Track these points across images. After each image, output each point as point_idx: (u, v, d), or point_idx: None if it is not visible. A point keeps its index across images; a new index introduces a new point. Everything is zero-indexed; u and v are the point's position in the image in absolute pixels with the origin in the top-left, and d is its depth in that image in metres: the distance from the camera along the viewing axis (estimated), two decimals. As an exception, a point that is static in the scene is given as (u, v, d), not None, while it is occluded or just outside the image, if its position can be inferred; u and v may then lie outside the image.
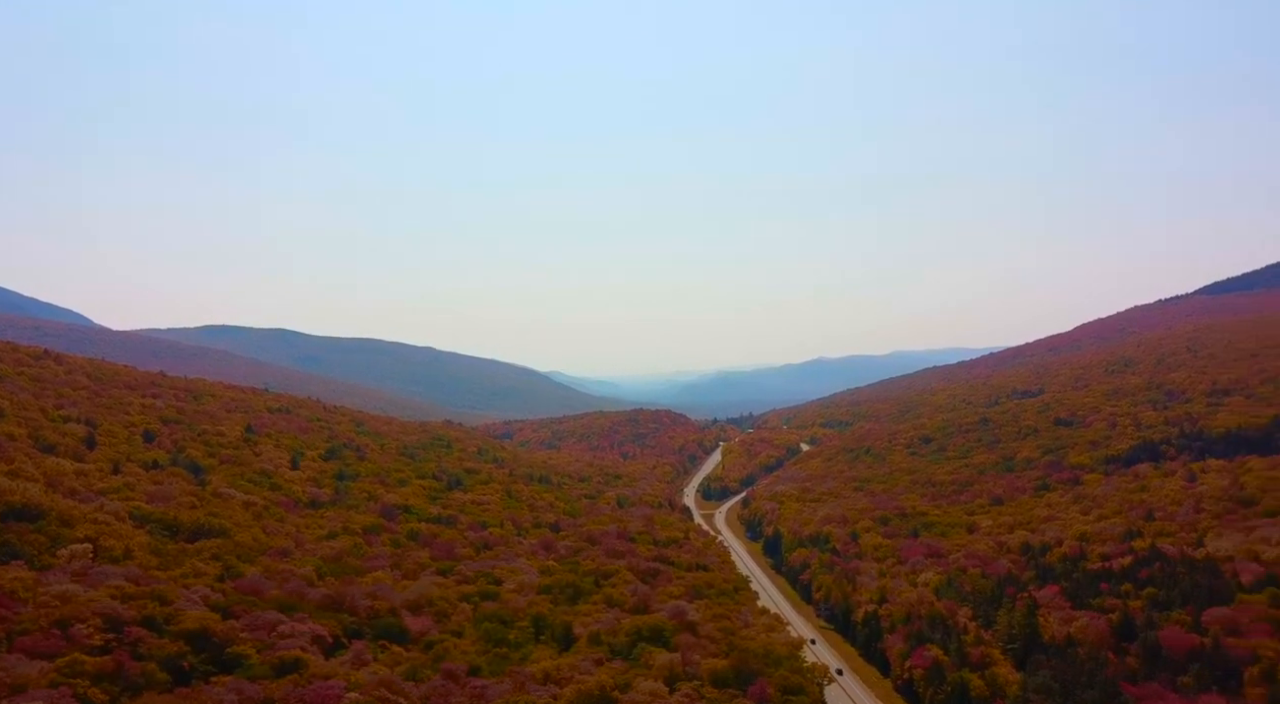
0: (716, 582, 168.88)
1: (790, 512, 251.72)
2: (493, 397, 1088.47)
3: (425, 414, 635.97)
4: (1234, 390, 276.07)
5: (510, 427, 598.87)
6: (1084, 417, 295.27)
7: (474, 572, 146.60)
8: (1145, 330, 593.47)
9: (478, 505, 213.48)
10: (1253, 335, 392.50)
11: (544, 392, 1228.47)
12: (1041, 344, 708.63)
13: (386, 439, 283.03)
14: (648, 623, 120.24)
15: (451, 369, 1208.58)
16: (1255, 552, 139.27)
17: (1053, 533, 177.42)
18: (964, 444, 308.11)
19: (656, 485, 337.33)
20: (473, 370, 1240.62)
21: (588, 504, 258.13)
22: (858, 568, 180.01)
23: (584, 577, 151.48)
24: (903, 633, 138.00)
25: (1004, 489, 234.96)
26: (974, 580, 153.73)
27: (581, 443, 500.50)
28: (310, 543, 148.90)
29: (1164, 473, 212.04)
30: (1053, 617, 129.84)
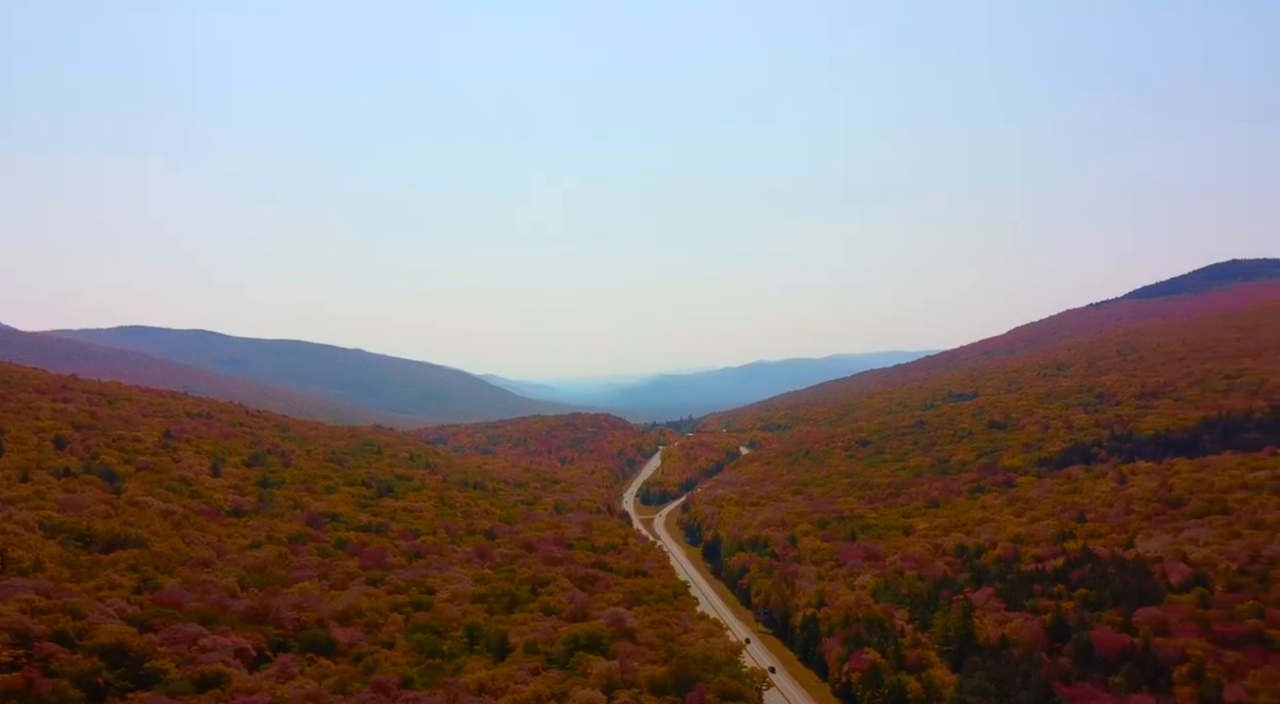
0: (655, 587, 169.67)
1: (729, 516, 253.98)
2: (425, 400, 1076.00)
3: (354, 419, 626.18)
4: (1162, 393, 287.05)
5: (444, 431, 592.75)
6: (1017, 419, 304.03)
7: (406, 581, 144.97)
8: (1076, 334, 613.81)
9: (409, 513, 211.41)
10: (1180, 339, 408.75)
11: (479, 395, 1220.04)
12: (976, 347, 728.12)
13: (313, 444, 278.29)
14: (585, 631, 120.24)
15: (382, 372, 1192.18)
16: (1183, 552, 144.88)
17: (987, 535, 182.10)
18: (901, 447, 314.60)
19: (595, 490, 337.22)
20: (404, 373, 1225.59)
21: (524, 510, 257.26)
22: (796, 571, 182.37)
23: (520, 585, 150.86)
24: (840, 636, 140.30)
25: (940, 491, 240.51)
26: (910, 583, 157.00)
27: (518, 447, 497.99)
28: (233, 553, 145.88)
29: (1095, 475, 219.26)
30: (988, 618, 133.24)
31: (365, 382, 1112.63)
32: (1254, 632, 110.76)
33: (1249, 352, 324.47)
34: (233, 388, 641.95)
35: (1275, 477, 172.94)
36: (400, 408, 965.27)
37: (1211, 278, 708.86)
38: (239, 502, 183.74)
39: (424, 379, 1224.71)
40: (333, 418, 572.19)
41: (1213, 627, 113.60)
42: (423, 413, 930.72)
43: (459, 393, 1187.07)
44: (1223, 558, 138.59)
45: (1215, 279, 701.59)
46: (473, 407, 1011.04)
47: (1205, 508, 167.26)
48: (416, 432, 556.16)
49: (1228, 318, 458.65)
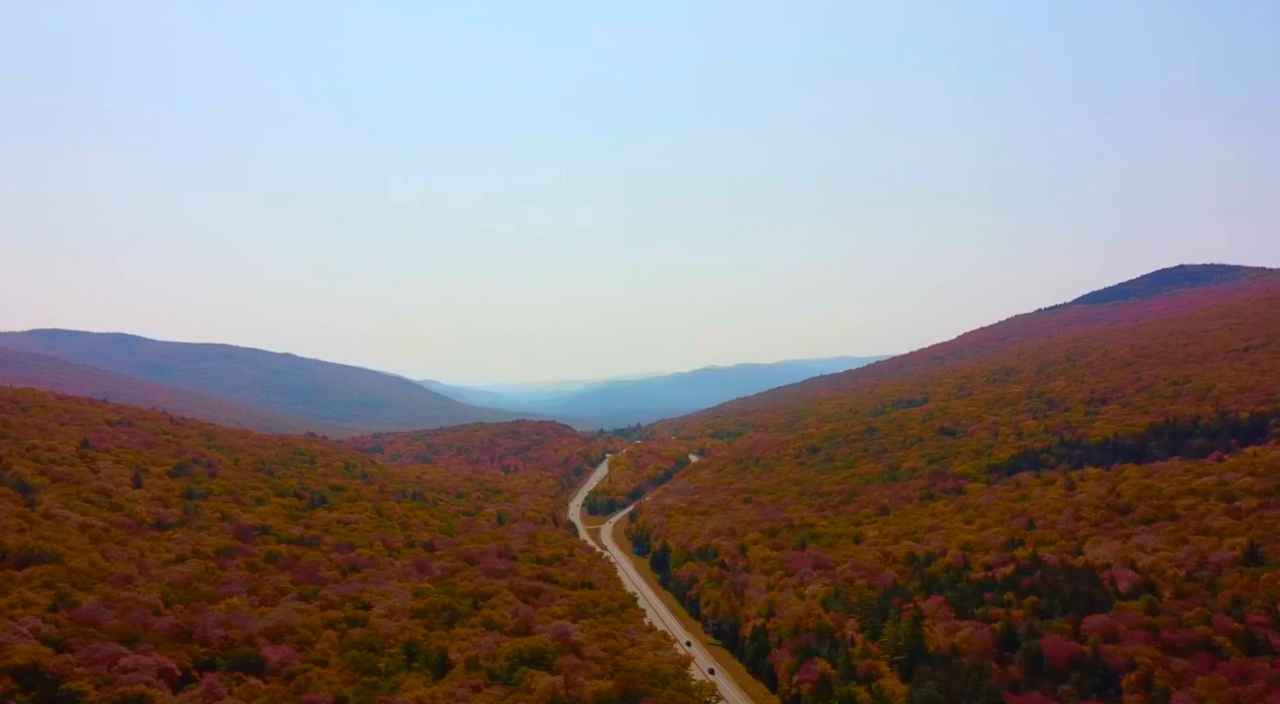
0: (602, 600, 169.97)
1: (678, 525, 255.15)
2: (360, 407, 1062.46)
3: (285, 426, 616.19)
4: (1111, 399, 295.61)
5: (380, 439, 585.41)
6: (967, 425, 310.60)
7: (340, 596, 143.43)
8: (1026, 339, 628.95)
9: (344, 525, 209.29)
10: (1128, 344, 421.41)
11: (417, 401, 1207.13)
12: (926, 353, 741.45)
13: (241, 454, 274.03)
14: (529, 645, 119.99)
15: (314, 377, 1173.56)
16: (1131, 559, 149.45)
17: (937, 542, 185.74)
18: (850, 454, 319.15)
19: (540, 500, 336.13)
20: (338, 379, 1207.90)
21: (465, 521, 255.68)
22: (746, 581, 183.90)
23: (461, 598, 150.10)
24: (790, 647, 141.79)
25: (890, 499, 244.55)
26: (861, 592, 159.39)
27: (459, 456, 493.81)
28: (156, 568, 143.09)
29: (1044, 481, 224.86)
30: (938, 627, 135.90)
31: (297, 388, 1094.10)
32: (1201, 639, 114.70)
33: (1196, 357, 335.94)
34: (155, 394, 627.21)
35: (1222, 483, 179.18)
36: (334, 415, 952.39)
37: (1159, 283, 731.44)
38: (162, 514, 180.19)
39: (359, 385, 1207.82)
40: (262, 426, 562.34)
41: (1161, 634, 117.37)
42: (358, 420, 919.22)
43: (396, 399, 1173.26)
44: (1170, 565, 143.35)
45: (1163, 285, 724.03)
46: (411, 414, 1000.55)
47: (1153, 514, 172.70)
48: (351, 440, 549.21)
49: (1175, 324, 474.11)
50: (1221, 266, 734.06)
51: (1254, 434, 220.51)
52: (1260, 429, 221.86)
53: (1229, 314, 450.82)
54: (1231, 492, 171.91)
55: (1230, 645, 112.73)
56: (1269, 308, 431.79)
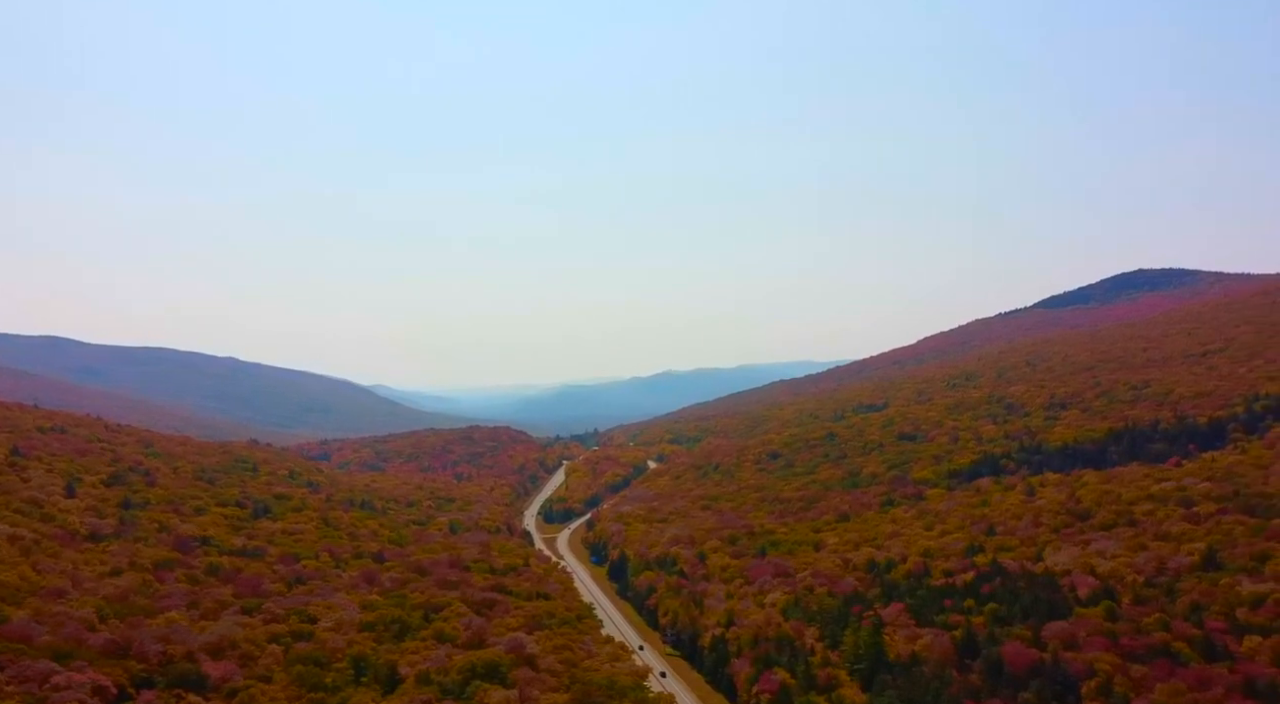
0: (558, 610, 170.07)
1: (636, 533, 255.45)
2: (306, 413, 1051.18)
3: (227, 433, 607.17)
4: (1070, 404, 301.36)
5: (327, 446, 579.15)
6: (927, 431, 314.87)
7: (285, 609, 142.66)
8: (986, 344, 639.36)
9: (289, 535, 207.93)
10: (1088, 349, 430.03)
11: (366, 407, 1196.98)
12: (886, 357, 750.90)
13: (181, 462, 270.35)
14: (482, 658, 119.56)
15: (258, 382, 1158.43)
16: (1091, 565, 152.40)
17: (898, 549, 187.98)
18: (811, 459, 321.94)
19: (494, 508, 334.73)
20: (283, 384, 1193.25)
21: (416, 531, 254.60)
22: (705, 590, 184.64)
23: (411, 611, 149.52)
24: (750, 656, 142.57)
25: (850, 505, 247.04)
26: (821, 600, 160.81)
27: (410, 463, 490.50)
28: (90, 581, 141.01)
29: (1004, 487, 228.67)
30: (898, 635, 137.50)
31: (239, 393, 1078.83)
32: (1160, 645, 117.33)
33: (1155, 362, 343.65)
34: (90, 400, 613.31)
35: (1180, 488, 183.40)
36: (278, 421, 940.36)
37: (1119, 288, 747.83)
38: (97, 525, 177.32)
39: (305, 390, 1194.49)
40: (203, 432, 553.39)
41: (1120, 640, 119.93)
42: (303, 426, 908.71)
43: (344, 405, 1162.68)
44: (1129, 570, 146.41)
45: (1122, 289, 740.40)
46: (359, 419, 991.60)
47: (1112, 520, 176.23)
48: (297, 447, 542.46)
49: (1134, 328, 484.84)
50: (1180, 271, 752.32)
51: (1212, 439, 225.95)
52: (1218, 434, 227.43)
53: (1187, 319, 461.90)
54: (1190, 497, 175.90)
55: (1189, 651, 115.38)
56: (1226, 313, 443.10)
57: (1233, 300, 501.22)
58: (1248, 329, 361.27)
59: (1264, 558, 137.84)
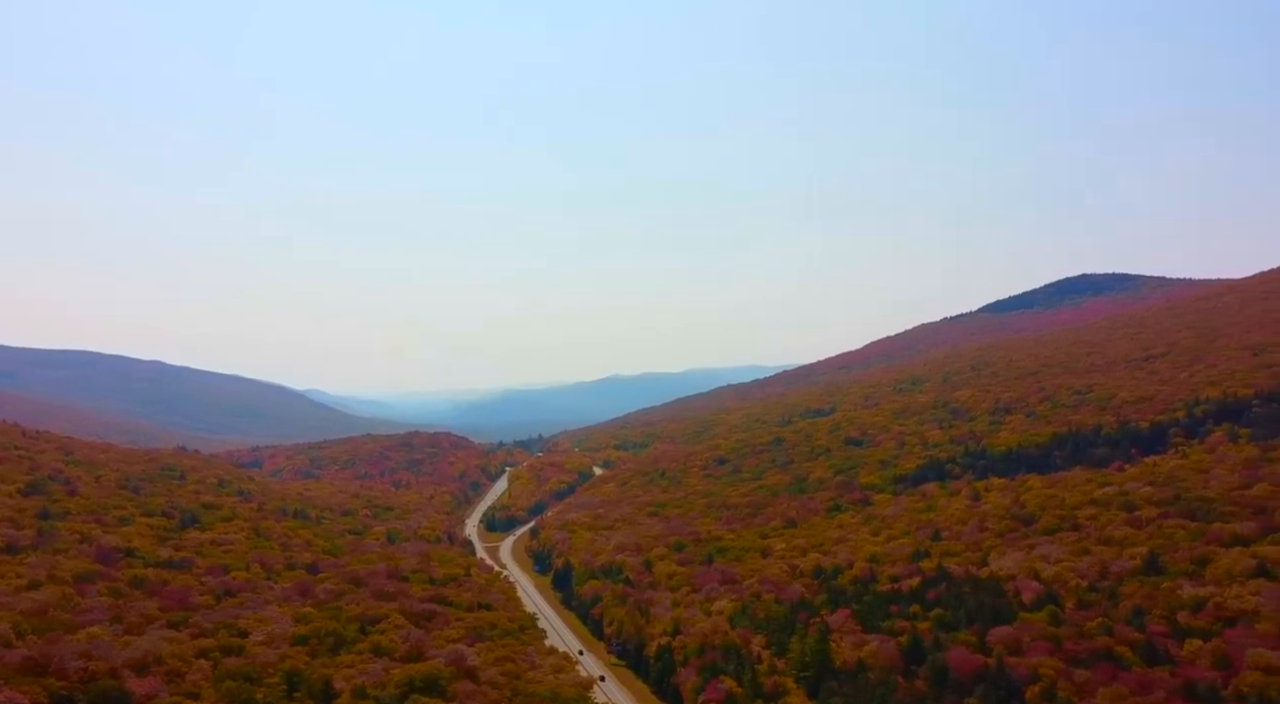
0: (500, 621, 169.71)
1: (582, 541, 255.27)
2: (237, 418, 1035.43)
3: (153, 439, 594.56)
4: (1015, 408, 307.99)
5: (259, 453, 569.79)
6: (874, 436, 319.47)
7: (214, 623, 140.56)
8: (932, 348, 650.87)
9: (218, 546, 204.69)
10: (1033, 354, 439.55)
11: (300, 412, 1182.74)
12: (833, 362, 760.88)
13: (104, 470, 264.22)
14: (421, 672, 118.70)
15: (185, 386, 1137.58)
16: (1035, 569, 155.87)
17: (844, 555, 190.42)
18: (758, 465, 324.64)
19: (434, 517, 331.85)
20: (212, 388, 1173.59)
21: (352, 541, 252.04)
22: (651, 599, 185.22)
23: (347, 623, 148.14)
24: (696, 665, 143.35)
25: (797, 511, 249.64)
26: (768, 607, 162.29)
27: (346, 471, 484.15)
28: (6, 595, 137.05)
29: (950, 492, 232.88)
30: (845, 641, 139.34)
31: (166, 397, 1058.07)
32: (1103, 649, 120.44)
33: (1098, 367, 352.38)
34: (5, 405, 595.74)
35: (1123, 493, 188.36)
36: (208, 427, 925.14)
37: (1063, 293, 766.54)
38: (13, 536, 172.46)
39: (235, 395, 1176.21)
40: (127, 439, 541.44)
41: (1064, 645, 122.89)
42: (234, 433, 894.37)
43: (276, 410, 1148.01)
44: (1073, 575, 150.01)
45: (1067, 294, 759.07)
46: (293, 425, 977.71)
47: (1056, 525, 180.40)
48: (227, 454, 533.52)
49: (1078, 333, 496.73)
50: (1123, 276, 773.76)
51: (1154, 443, 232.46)
52: (1160, 438, 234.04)
53: (1130, 324, 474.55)
54: (1132, 501, 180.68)
55: (1131, 656, 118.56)
56: (1169, 318, 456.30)
57: (1175, 305, 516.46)
58: (1189, 334, 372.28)
59: (1204, 562, 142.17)
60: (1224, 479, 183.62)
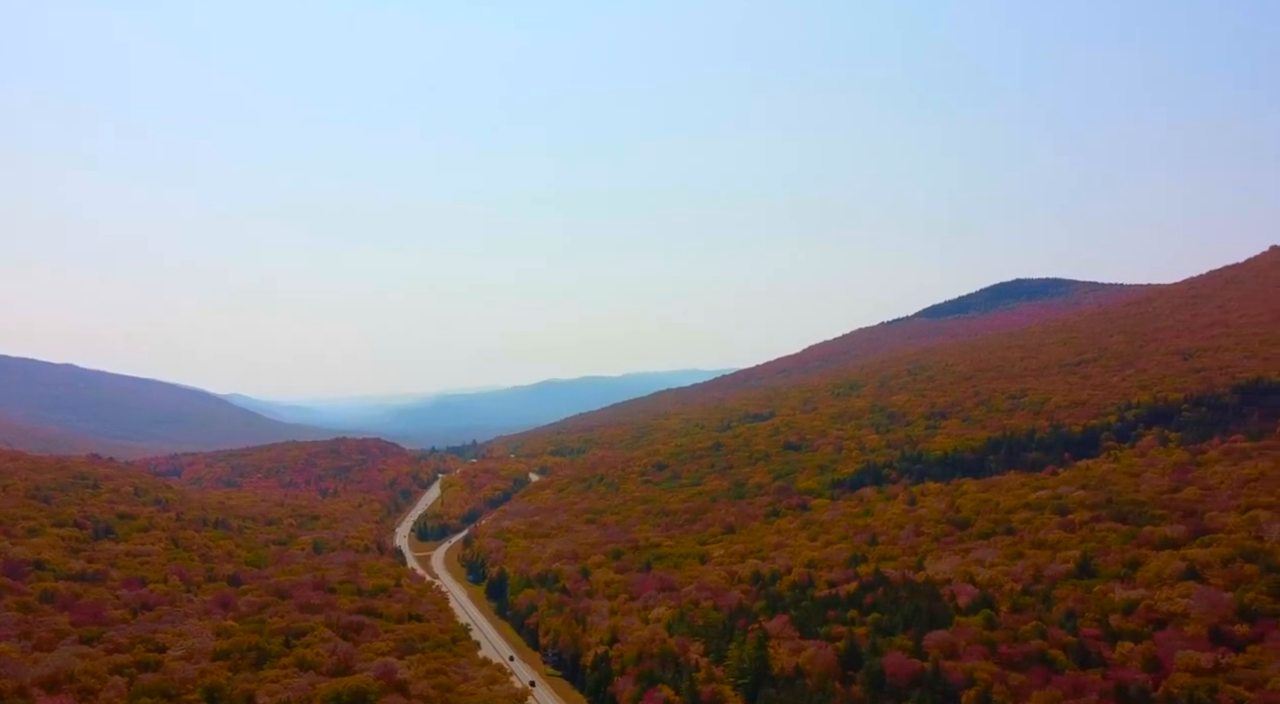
0: (432, 633, 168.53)
1: (517, 549, 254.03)
2: (154, 424, 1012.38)
3: (65, 447, 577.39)
4: (951, 413, 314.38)
5: (178, 461, 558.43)
6: (812, 440, 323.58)
7: (129, 638, 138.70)
8: (869, 352, 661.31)
9: (135, 558, 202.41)
10: (968, 358, 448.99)
11: (222, 418, 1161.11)
12: (772, 366, 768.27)
13: (11, 478, 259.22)
14: (349, 686, 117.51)
15: (99, 391, 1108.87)
16: (971, 573, 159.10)
17: (783, 560, 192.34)
18: (697, 470, 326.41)
19: (363, 526, 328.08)
20: (127, 393, 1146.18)
21: (277, 551, 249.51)
22: (588, 607, 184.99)
23: (271, 637, 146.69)
24: (633, 674, 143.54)
25: (736, 516, 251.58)
26: (706, 614, 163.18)
27: (270, 479, 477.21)
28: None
29: (887, 496, 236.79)
30: (782, 647, 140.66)
31: (78, 403, 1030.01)
32: (1037, 652, 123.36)
33: (1032, 371, 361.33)
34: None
35: (1056, 496, 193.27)
36: (123, 434, 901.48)
37: (998, 297, 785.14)
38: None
39: (152, 400, 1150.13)
40: (37, 446, 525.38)
41: (999, 648, 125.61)
42: (151, 439, 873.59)
43: (197, 416, 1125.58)
44: (1008, 578, 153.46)
45: (1001, 299, 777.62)
46: (214, 432, 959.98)
47: (991, 528, 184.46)
48: (143, 462, 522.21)
49: (1012, 338, 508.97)
50: (1057, 281, 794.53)
51: (1086, 447, 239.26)
52: (1092, 442, 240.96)
53: (1063, 328, 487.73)
54: (1065, 505, 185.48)
55: (1064, 659, 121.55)
56: (1100, 323, 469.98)
57: (1107, 310, 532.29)
58: (1120, 339, 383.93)
59: (1135, 565, 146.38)
60: (1154, 482, 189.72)
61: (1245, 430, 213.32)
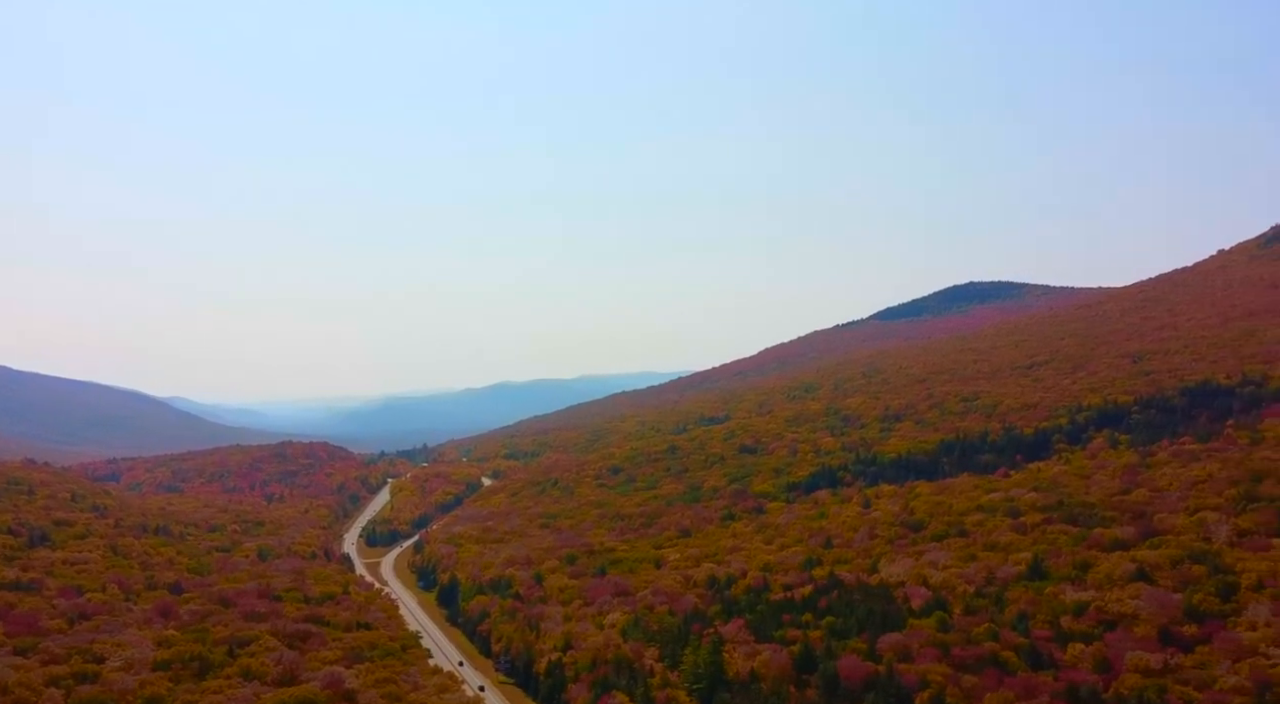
0: (381, 641, 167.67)
1: (469, 555, 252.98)
2: (91, 428, 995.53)
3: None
4: (904, 415, 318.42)
5: (117, 466, 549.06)
6: (768, 443, 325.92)
7: (66, 648, 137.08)
8: (825, 355, 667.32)
9: (71, 565, 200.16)
10: (921, 361, 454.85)
11: (162, 422, 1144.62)
12: (728, 368, 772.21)
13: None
14: (295, 696, 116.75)
15: (33, 394, 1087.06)
16: (924, 576, 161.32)
17: (738, 564, 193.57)
18: (652, 473, 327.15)
19: (310, 532, 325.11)
20: (63, 395, 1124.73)
21: (220, 558, 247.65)
22: (542, 613, 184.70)
23: (214, 646, 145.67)
24: (587, 681, 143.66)
25: (691, 520, 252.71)
26: (661, 618, 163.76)
27: (213, 484, 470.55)
28: None
29: (841, 499, 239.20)
30: (738, 652, 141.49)
31: (11, 406, 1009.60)
32: (989, 654, 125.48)
33: (984, 374, 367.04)
34: None
35: (1008, 498, 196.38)
36: (59, 438, 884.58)
37: (952, 300, 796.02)
38: None
39: (90, 403, 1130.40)
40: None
41: (951, 651, 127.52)
42: (89, 443, 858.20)
43: (136, 420, 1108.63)
44: (960, 581, 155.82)
45: (955, 302, 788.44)
46: (154, 436, 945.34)
47: (944, 531, 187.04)
48: (81, 467, 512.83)
49: (965, 340, 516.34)
50: (1009, 284, 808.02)
51: (1038, 449, 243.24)
52: (1043, 445, 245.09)
53: (1015, 331, 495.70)
54: (1017, 507, 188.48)
55: (1016, 660, 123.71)
56: (1052, 325, 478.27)
57: (1058, 313, 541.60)
58: (1071, 342, 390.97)
59: (1086, 567, 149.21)
60: (1105, 485, 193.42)
61: (1194, 432, 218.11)
